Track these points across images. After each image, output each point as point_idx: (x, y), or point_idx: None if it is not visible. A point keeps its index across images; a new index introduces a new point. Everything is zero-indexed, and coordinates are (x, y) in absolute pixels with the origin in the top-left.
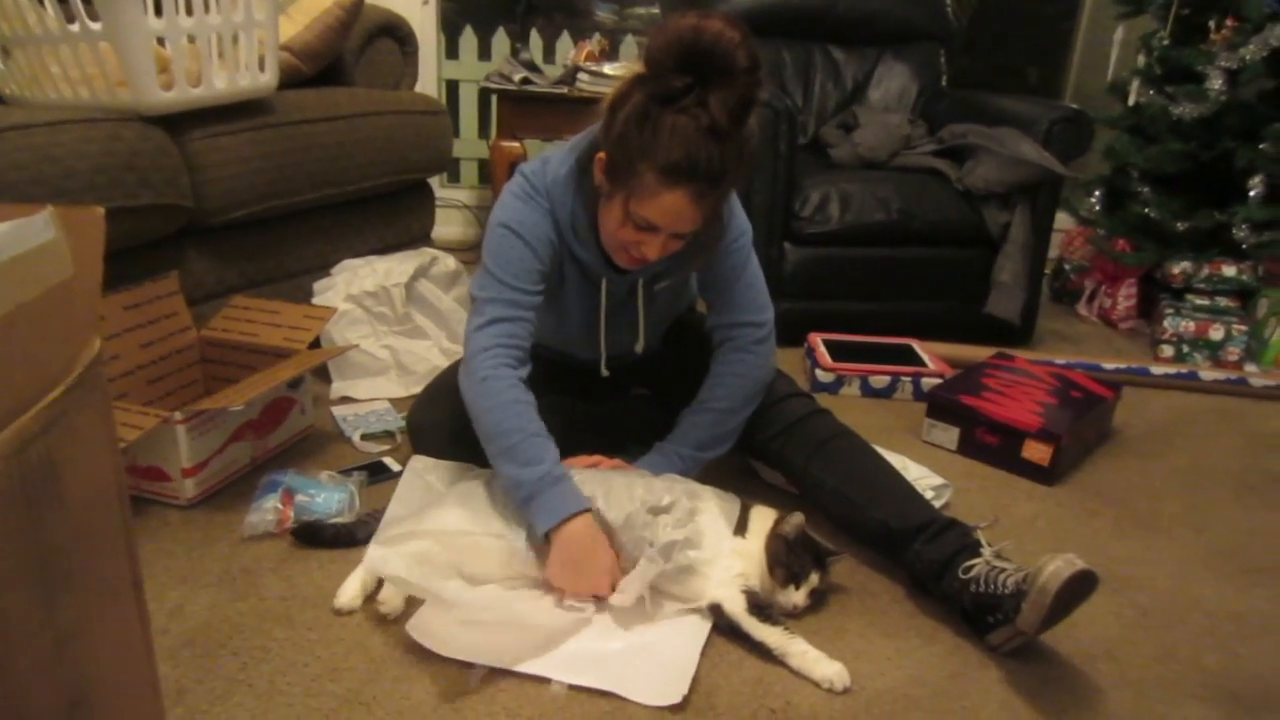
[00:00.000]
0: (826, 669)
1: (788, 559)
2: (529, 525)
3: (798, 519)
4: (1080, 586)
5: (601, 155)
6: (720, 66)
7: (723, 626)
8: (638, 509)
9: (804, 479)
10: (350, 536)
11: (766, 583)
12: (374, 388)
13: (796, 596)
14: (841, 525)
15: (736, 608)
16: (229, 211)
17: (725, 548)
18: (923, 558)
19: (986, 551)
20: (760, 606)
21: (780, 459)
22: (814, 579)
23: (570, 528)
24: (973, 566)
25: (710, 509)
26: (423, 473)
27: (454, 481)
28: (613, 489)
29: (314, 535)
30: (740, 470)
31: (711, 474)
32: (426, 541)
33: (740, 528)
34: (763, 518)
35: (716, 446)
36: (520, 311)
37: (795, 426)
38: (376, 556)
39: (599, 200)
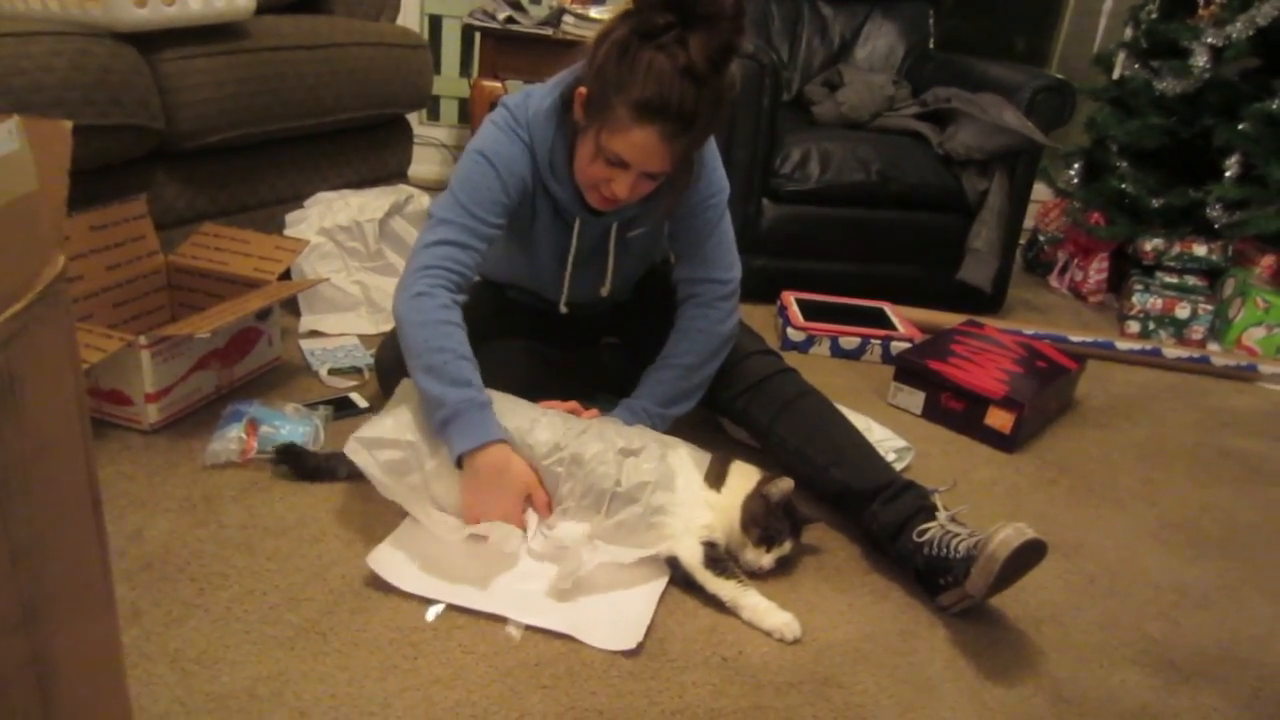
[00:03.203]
0: (776, 619)
1: (766, 520)
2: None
3: (787, 484)
4: (1029, 555)
5: (582, 90)
6: (704, 10)
7: (678, 577)
8: (607, 448)
9: (767, 437)
10: (331, 472)
11: (736, 538)
12: (343, 323)
13: (765, 559)
14: (802, 484)
15: (693, 560)
16: (201, 136)
17: (696, 496)
18: (879, 519)
19: (942, 515)
20: (717, 560)
21: (745, 416)
22: (786, 545)
23: (485, 454)
24: (927, 529)
25: (682, 457)
26: (413, 393)
27: None
28: (586, 428)
29: (295, 460)
30: (706, 425)
31: (677, 428)
32: (402, 452)
33: (718, 480)
34: (743, 474)
35: (682, 402)
36: (472, 240)
37: (760, 385)
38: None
39: (578, 137)
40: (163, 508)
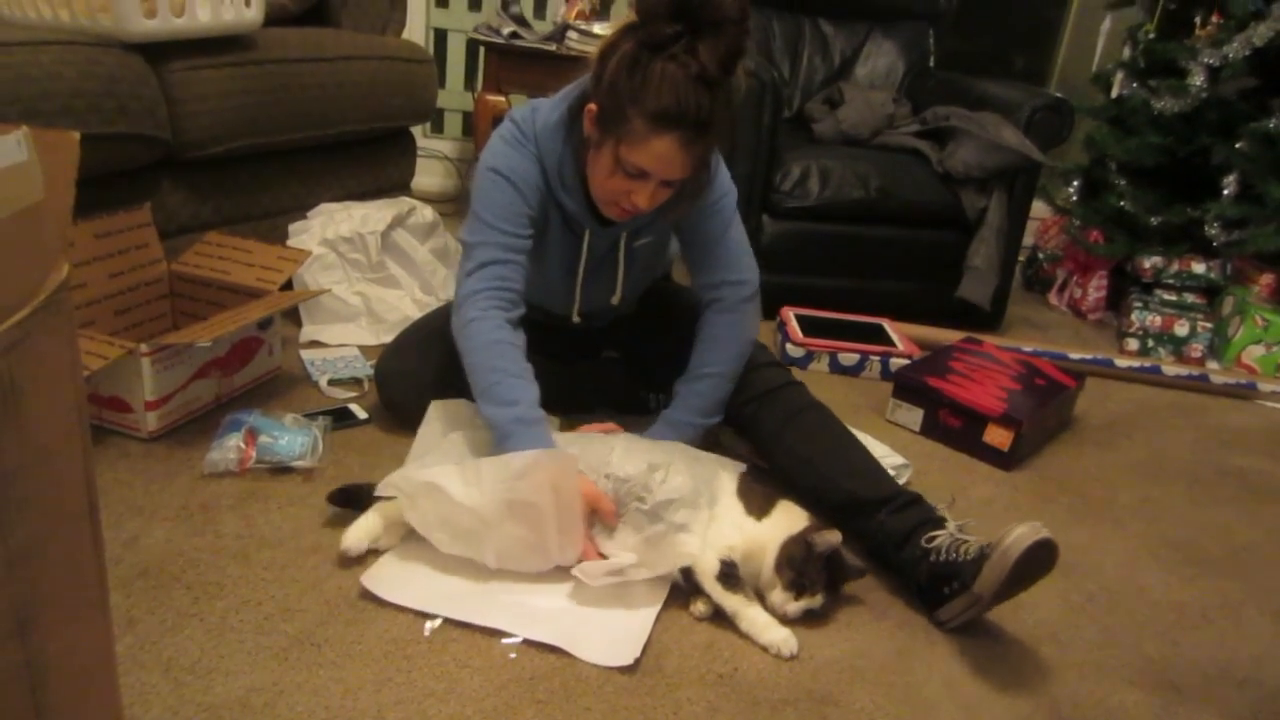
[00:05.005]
0: (774, 634)
1: (802, 567)
2: None
3: (834, 537)
4: (1041, 555)
5: (591, 106)
6: (710, 16)
7: (688, 587)
8: (643, 470)
9: (775, 445)
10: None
11: (766, 575)
12: (344, 334)
13: (791, 605)
14: (807, 494)
15: (707, 570)
16: (206, 146)
17: (728, 519)
18: (886, 526)
19: (950, 525)
20: (729, 576)
21: (753, 424)
22: (817, 598)
23: None
24: (936, 537)
25: (719, 474)
26: (436, 419)
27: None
28: (614, 445)
29: (352, 497)
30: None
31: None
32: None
33: (760, 510)
34: (788, 513)
35: (718, 412)
36: (510, 254)
37: (770, 395)
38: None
39: (588, 151)
40: (160, 516)
